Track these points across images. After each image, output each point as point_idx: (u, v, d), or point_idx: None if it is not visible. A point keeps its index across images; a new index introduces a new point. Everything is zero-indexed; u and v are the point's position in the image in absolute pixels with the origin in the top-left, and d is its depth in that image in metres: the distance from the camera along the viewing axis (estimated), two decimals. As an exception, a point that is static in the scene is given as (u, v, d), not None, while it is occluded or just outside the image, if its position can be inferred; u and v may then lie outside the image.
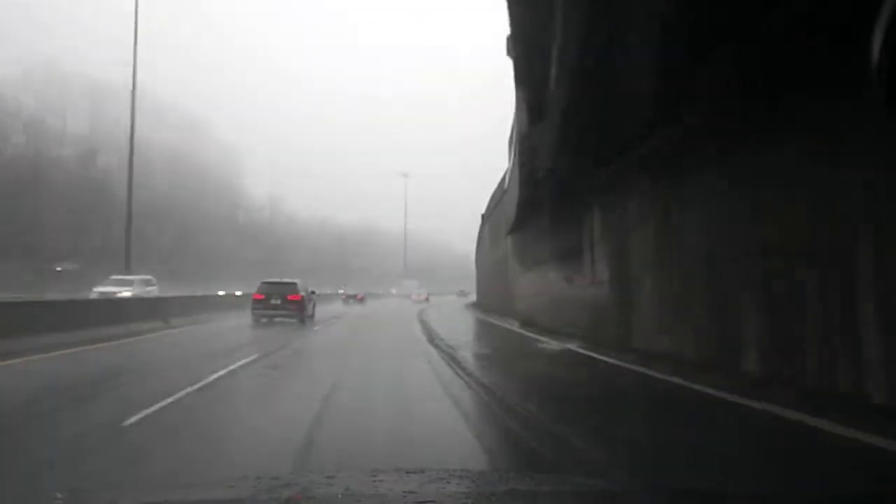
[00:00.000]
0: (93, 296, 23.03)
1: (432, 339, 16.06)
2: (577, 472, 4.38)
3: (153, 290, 26.45)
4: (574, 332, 14.92)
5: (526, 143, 14.24)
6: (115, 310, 17.53)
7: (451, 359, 11.45)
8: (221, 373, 9.08)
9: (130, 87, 27.70)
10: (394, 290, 71.10)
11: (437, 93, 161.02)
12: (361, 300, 51.10)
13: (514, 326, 21.67)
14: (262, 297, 21.30)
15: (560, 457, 4.86)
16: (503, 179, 25.72)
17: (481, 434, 5.81)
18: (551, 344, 14.65)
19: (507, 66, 11.73)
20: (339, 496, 1.76)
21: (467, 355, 12.32)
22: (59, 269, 45.25)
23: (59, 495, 1.81)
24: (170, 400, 6.76)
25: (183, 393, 7.24)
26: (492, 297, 34.94)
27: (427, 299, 55.24)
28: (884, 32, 1.06)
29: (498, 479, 2.54)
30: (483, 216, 38.15)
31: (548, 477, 3.30)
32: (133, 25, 26.80)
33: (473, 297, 51.40)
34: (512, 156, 19.22)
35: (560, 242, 17.21)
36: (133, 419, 5.75)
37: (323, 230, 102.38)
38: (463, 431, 5.83)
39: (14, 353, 10.30)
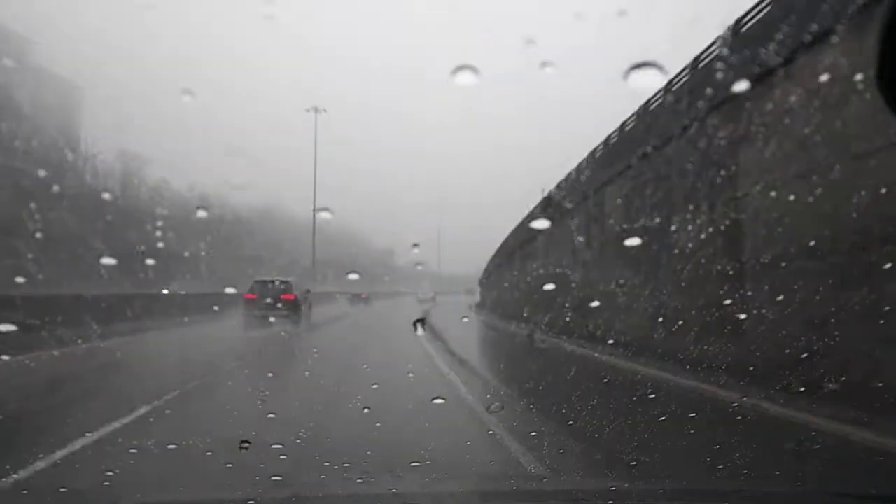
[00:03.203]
0: None
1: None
2: (576, 474, 4.26)
3: None
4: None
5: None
6: None
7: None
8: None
9: None
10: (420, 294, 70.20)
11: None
12: (366, 300, 49.35)
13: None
14: (255, 296, 20.23)
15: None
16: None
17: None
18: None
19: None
20: (338, 496, 1.74)
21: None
22: None
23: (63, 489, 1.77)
24: None
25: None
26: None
27: (433, 298, 54.25)
28: (879, 42, 1.13)
29: (497, 480, 2.56)
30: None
31: (548, 477, 3.36)
32: None
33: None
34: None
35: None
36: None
37: (205, 207, 79.02)
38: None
39: None
